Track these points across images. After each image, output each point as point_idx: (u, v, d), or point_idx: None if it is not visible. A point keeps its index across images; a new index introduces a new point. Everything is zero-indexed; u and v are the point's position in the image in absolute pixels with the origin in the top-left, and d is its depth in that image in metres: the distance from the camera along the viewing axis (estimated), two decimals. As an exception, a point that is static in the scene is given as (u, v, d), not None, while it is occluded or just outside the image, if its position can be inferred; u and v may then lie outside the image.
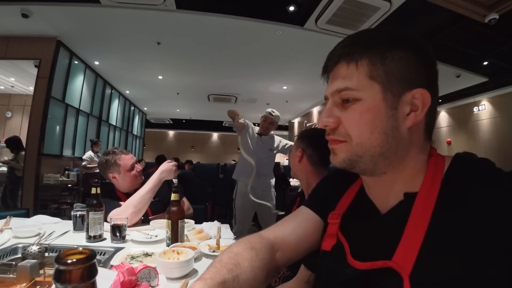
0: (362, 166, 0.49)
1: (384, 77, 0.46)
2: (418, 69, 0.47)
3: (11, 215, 1.37)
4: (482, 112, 6.84)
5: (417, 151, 0.49)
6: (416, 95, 0.46)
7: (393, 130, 0.46)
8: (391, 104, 0.46)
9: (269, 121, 2.80)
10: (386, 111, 0.46)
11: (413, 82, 0.46)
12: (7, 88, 7.02)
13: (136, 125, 10.20)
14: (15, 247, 0.99)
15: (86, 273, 0.23)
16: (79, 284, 0.23)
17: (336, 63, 0.50)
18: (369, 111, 0.46)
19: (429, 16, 3.63)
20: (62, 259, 0.23)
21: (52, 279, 0.22)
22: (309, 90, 7.13)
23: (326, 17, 3.71)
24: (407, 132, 0.47)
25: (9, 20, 4.09)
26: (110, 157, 1.57)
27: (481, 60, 4.98)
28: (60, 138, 5.06)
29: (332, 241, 0.56)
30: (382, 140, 0.46)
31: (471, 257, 0.38)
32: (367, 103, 0.47)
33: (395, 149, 0.47)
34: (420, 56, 0.47)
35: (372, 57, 0.47)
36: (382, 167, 0.49)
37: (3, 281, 0.74)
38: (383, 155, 0.47)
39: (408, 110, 0.46)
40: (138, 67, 6.07)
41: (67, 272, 0.22)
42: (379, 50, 0.47)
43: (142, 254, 0.98)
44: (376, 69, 0.46)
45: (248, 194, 2.62)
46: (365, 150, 0.47)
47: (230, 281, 0.46)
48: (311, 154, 1.23)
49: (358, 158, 0.48)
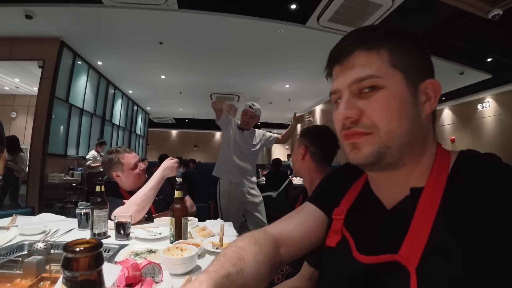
0: (389, 159, 0.47)
1: (402, 67, 0.47)
2: (425, 62, 0.50)
3: (17, 213, 1.39)
4: (486, 109, 6.78)
5: (432, 142, 0.51)
6: (428, 85, 0.48)
7: (417, 118, 0.47)
8: (413, 92, 0.47)
9: (249, 114, 2.61)
10: (410, 99, 0.47)
11: (424, 73, 0.49)
12: (11, 89, 7.08)
13: (140, 124, 10.25)
14: (21, 244, 1.01)
15: (93, 262, 0.24)
16: (85, 272, 0.23)
17: (351, 53, 0.49)
18: (396, 98, 0.46)
19: (431, 12, 3.61)
20: (70, 247, 0.23)
21: (60, 266, 0.23)
22: (312, 89, 7.13)
23: (328, 15, 3.70)
24: (426, 120, 0.49)
25: (13, 22, 4.13)
26: (113, 156, 1.58)
27: (485, 57, 4.93)
28: (64, 138, 5.10)
29: (337, 237, 0.56)
30: (410, 128, 0.46)
31: (477, 251, 0.38)
32: (393, 90, 0.46)
33: (419, 138, 0.48)
34: (424, 50, 0.50)
35: (392, 46, 0.47)
36: (405, 159, 0.48)
37: (10, 277, 0.75)
38: (409, 144, 0.47)
39: (424, 99, 0.48)
40: (141, 67, 6.10)
41: (74, 260, 0.23)
42: (396, 40, 0.48)
43: (146, 251, 0.99)
44: (397, 58, 0.47)
45: (231, 192, 2.53)
46: (395, 140, 0.46)
47: (234, 274, 0.46)
48: (314, 152, 1.23)
49: (386, 150, 0.46)
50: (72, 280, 0.23)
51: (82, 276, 0.23)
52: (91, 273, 0.24)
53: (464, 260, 0.38)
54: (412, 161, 0.48)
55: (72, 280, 0.23)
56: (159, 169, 1.49)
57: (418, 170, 0.49)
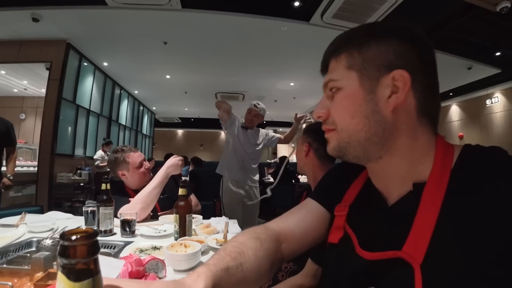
0: (352, 152, 0.51)
1: (360, 65, 0.49)
2: (399, 52, 0.48)
3: (26, 211, 1.42)
4: (495, 105, 6.66)
5: (410, 134, 0.48)
6: (396, 77, 0.47)
7: (374, 114, 0.48)
8: (369, 88, 0.48)
9: (253, 113, 2.65)
10: (364, 96, 0.48)
11: (392, 65, 0.47)
12: (20, 91, 7.21)
13: (146, 124, 10.33)
14: (29, 241, 1.03)
15: (89, 249, 0.25)
16: (82, 260, 0.24)
17: (327, 61, 0.55)
18: (347, 97, 0.50)
19: (437, 6, 3.55)
20: (67, 235, 0.24)
21: (57, 254, 0.24)
22: (317, 86, 7.00)
23: (332, 11, 3.67)
24: (391, 115, 0.47)
25: (20, 25, 4.20)
26: (119, 155, 1.60)
27: (493, 51, 4.83)
28: (72, 138, 5.18)
29: (339, 233, 0.56)
30: (364, 125, 0.48)
31: (483, 246, 0.37)
32: (346, 90, 0.50)
33: (382, 133, 0.48)
34: (403, 39, 0.48)
35: (349, 49, 0.51)
36: (375, 152, 0.50)
37: (18, 272, 0.77)
38: (369, 140, 0.49)
39: (389, 92, 0.47)
40: (146, 67, 6.14)
41: (71, 248, 0.24)
42: (356, 42, 0.50)
43: (151, 248, 1.01)
44: (354, 59, 0.50)
45: (234, 190, 2.56)
46: (350, 136, 0.50)
47: (233, 268, 0.47)
48: (317, 148, 1.23)
49: (346, 145, 0.51)
50: (68, 267, 0.24)
51: (78, 264, 0.24)
52: (87, 261, 0.25)
53: (470, 256, 0.38)
54: (386, 153, 0.49)
55: (68, 267, 0.24)
56: (163, 167, 1.51)
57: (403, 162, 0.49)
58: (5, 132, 2.53)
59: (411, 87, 0.47)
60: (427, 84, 0.48)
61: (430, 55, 0.50)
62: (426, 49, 0.50)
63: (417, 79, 0.47)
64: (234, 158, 2.60)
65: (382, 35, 0.49)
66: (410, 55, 0.48)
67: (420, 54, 0.49)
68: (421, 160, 0.48)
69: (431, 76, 0.49)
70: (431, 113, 0.50)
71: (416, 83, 0.47)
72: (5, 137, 2.53)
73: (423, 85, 0.48)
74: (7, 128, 2.55)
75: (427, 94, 0.49)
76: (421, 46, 0.49)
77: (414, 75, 0.47)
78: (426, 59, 0.49)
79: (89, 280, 0.25)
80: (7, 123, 2.58)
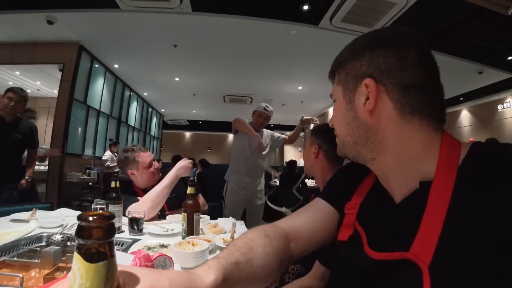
0: (349, 154, 0.58)
1: (343, 79, 0.56)
2: (371, 60, 0.51)
3: (37, 207, 1.44)
4: (507, 110, 6.51)
5: (397, 134, 0.49)
6: (366, 84, 0.50)
7: (354, 120, 0.53)
8: (349, 99, 0.54)
9: (264, 116, 2.67)
10: (346, 105, 0.55)
11: (365, 74, 0.51)
12: (33, 91, 7.37)
13: (154, 126, 10.44)
14: (40, 236, 1.05)
15: (105, 231, 0.25)
16: (97, 241, 0.24)
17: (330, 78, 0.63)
18: (336, 108, 0.58)
19: (447, 10, 3.51)
20: (84, 216, 0.25)
21: (74, 234, 0.24)
22: (325, 90, 7.05)
23: (340, 15, 3.66)
24: (370, 119, 0.51)
25: (36, 27, 4.31)
26: (129, 154, 1.62)
27: (505, 55, 4.73)
28: (82, 139, 5.26)
29: (349, 231, 0.56)
30: (348, 130, 0.55)
31: (492, 246, 0.37)
32: (336, 102, 0.59)
33: (366, 136, 0.52)
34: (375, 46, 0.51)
35: (338, 69, 0.58)
36: (367, 153, 0.54)
37: (28, 265, 0.78)
38: (356, 143, 0.54)
39: (364, 99, 0.51)
40: (156, 69, 6.22)
41: (87, 228, 0.24)
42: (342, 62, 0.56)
43: (158, 245, 1.01)
44: (340, 76, 0.57)
45: (238, 191, 2.63)
46: (343, 140, 0.57)
47: (243, 263, 0.47)
48: (327, 150, 1.21)
49: (342, 147, 0.59)
50: (84, 247, 0.24)
51: (94, 245, 0.24)
52: (103, 242, 0.25)
53: (478, 256, 0.37)
54: (378, 154, 0.52)
55: (84, 247, 0.24)
56: (174, 168, 1.52)
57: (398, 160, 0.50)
58: (29, 134, 2.61)
59: (385, 91, 0.49)
60: (409, 83, 0.48)
61: (408, 54, 0.49)
62: (403, 49, 0.49)
63: (391, 81, 0.48)
64: (242, 162, 2.66)
65: (358, 50, 0.53)
66: (381, 60, 0.49)
67: (394, 56, 0.49)
68: (422, 158, 0.48)
69: (416, 75, 0.48)
70: (425, 111, 0.48)
71: (390, 86, 0.48)
72: (29, 139, 2.61)
73: (402, 85, 0.48)
74: (31, 131, 2.64)
75: (411, 93, 0.48)
76: (395, 48, 0.49)
77: (385, 79, 0.49)
78: (403, 58, 0.49)
79: (104, 262, 0.25)
80: (32, 125, 2.67)
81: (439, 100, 0.50)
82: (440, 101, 0.50)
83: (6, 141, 2.45)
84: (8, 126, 2.47)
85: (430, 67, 0.50)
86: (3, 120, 2.44)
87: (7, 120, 2.45)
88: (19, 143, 2.54)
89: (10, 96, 2.42)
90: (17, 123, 2.53)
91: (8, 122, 2.46)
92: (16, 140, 2.50)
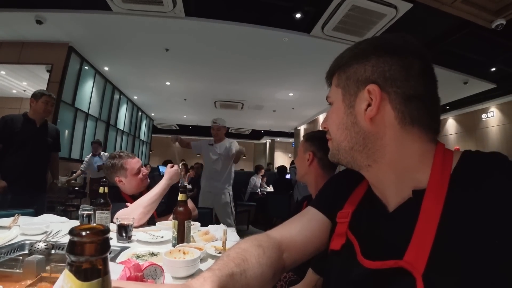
0: (343, 159, 0.56)
1: (344, 82, 0.54)
2: (376, 66, 0.50)
3: (19, 213, 1.38)
4: (491, 119, 6.75)
5: (396, 143, 0.49)
6: (370, 90, 0.49)
7: (353, 126, 0.52)
8: (349, 103, 0.53)
9: (215, 128, 3.23)
10: (345, 110, 0.53)
11: (369, 79, 0.50)
12: (19, 92, 7.18)
13: (143, 130, 10.31)
14: (22, 244, 1.00)
15: (98, 247, 0.23)
16: (91, 257, 0.23)
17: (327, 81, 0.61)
18: (334, 111, 0.56)
19: (435, 22, 3.63)
20: (76, 231, 0.23)
21: (65, 251, 0.23)
22: (316, 97, 7.12)
23: (332, 24, 3.73)
24: (370, 126, 0.50)
25: (24, 27, 4.21)
26: (116, 161, 1.56)
27: (489, 66, 4.93)
28: (69, 142, 5.13)
29: (341, 240, 0.55)
30: (346, 135, 0.53)
31: (486, 253, 0.37)
32: (334, 105, 0.57)
33: (364, 142, 0.51)
34: (381, 53, 0.50)
35: (338, 70, 0.56)
36: (363, 160, 0.53)
37: (10, 275, 0.74)
38: (353, 149, 0.53)
39: (365, 105, 0.50)
40: (147, 73, 6.17)
41: (80, 244, 0.22)
42: (342, 64, 0.55)
43: (148, 254, 0.98)
44: (340, 78, 0.55)
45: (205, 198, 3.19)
46: (337, 145, 0.56)
47: (238, 274, 0.46)
48: (322, 157, 1.18)
49: (336, 152, 0.57)
50: (77, 265, 0.22)
51: (87, 262, 0.23)
52: (97, 259, 0.23)
53: (472, 263, 0.37)
54: (374, 161, 0.51)
55: (77, 265, 0.22)
56: (165, 177, 1.51)
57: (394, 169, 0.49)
58: (56, 138, 2.58)
59: (388, 99, 0.48)
60: (412, 93, 0.48)
61: (413, 64, 0.49)
62: (409, 59, 0.49)
63: (394, 90, 0.48)
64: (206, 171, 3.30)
65: (363, 54, 0.52)
66: (387, 68, 0.49)
67: (400, 65, 0.48)
68: (417, 167, 0.48)
69: (418, 86, 0.48)
70: (424, 122, 0.48)
71: (394, 95, 0.48)
72: (56, 142, 2.59)
73: (406, 95, 0.48)
74: (57, 134, 2.61)
75: (413, 103, 0.48)
76: (401, 57, 0.49)
77: (389, 87, 0.48)
78: (408, 68, 0.48)
79: (98, 280, 0.23)
80: (57, 129, 2.65)
81: (436, 112, 0.51)
82: (437, 112, 0.51)
83: (42, 145, 2.42)
84: (41, 130, 2.43)
85: (431, 80, 0.50)
86: (35, 125, 2.38)
87: (38, 125, 2.40)
88: (50, 147, 2.52)
89: (47, 100, 2.38)
90: (46, 127, 2.49)
91: (39, 127, 2.41)
92: (49, 144, 2.48)
